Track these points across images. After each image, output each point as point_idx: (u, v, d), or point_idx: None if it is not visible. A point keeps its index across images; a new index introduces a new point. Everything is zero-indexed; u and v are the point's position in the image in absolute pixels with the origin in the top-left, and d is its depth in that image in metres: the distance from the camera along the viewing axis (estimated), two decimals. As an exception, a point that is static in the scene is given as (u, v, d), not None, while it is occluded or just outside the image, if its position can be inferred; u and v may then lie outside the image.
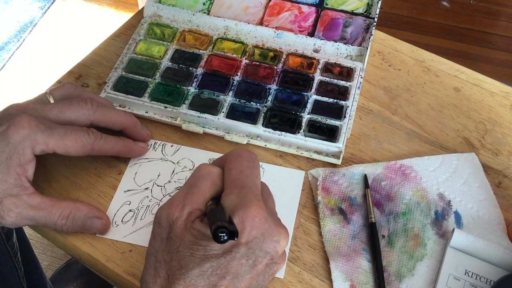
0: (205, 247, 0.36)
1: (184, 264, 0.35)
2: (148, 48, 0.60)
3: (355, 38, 0.61)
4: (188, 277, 0.35)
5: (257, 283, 0.38)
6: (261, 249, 0.37)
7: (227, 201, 0.38)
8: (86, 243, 0.47)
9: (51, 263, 1.23)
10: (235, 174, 0.39)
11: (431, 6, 1.89)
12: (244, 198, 0.37)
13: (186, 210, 0.37)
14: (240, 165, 0.40)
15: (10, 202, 0.43)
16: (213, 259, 0.35)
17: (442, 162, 0.53)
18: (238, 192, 0.38)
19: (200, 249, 0.36)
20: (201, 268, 0.35)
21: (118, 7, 1.90)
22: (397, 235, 0.48)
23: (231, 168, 0.40)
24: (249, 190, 0.38)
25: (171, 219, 0.37)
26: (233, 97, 0.56)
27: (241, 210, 0.36)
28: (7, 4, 1.86)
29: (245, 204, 0.36)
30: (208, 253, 0.35)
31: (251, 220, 0.36)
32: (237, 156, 0.40)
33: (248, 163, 0.40)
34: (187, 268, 0.35)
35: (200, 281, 0.35)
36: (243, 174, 0.39)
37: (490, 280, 0.45)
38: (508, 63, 1.75)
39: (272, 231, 0.37)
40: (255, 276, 0.37)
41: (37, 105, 0.47)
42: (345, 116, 0.54)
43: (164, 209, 0.38)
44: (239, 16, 0.64)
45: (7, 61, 1.70)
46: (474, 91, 0.60)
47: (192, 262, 0.35)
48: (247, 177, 0.39)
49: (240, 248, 0.36)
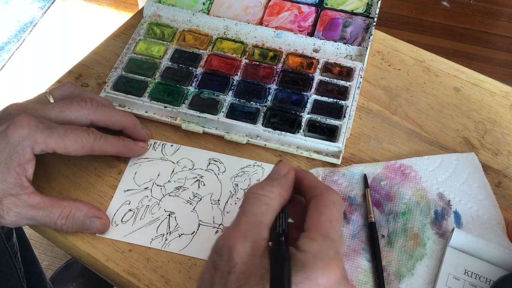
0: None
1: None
2: (148, 48, 0.60)
3: (355, 38, 0.61)
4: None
5: None
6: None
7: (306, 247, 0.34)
8: (86, 243, 0.47)
9: (51, 263, 1.23)
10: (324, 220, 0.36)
11: (431, 6, 1.89)
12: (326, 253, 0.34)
13: (249, 242, 0.34)
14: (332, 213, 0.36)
15: (10, 201, 0.43)
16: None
17: (441, 162, 0.53)
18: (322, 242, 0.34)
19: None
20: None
21: (118, 7, 1.90)
22: (396, 235, 0.48)
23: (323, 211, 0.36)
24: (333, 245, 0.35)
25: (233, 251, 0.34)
26: (233, 97, 0.56)
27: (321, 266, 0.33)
28: (7, 4, 1.86)
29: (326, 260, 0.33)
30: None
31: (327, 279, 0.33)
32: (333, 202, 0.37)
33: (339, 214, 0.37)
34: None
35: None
36: (332, 224, 0.36)
37: (490, 279, 0.45)
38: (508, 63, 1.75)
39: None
40: None
41: (37, 105, 0.47)
42: (344, 116, 0.54)
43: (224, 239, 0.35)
44: (239, 16, 0.64)
45: (7, 61, 1.70)
46: (474, 91, 0.60)
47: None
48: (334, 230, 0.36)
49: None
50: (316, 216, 0.36)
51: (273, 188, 0.37)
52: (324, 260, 0.33)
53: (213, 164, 0.53)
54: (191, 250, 0.47)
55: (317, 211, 0.36)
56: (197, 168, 0.52)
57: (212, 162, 0.53)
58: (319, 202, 0.37)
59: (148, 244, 0.48)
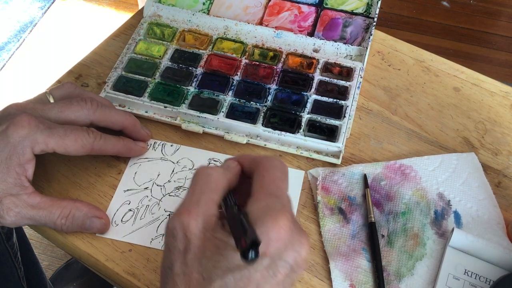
0: (227, 257, 0.34)
1: (207, 276, 0.34)
2: (148, 48, 0.60)
3: (355, 38, 0.61)
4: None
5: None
6: (282, 259, 0.35)
7: (254, 207, 0.36)
8: (85, 243, 0.47)
9: (51, 263, 1.23)
10: (267, 181, 0.38)
11: (431, 6, 1.89)
12: (272, 208, 0.36)
13: (201, 218, 0.36)
14: (274, 174, 0.38)
15: (10, 201, 0.43)
16: (236, 270, 0.34)
17: (441, 162, 0.53)
18: (267, 200, 0.36)
19: (222, 260, 0.34)
20: (223, 279, 0.34)
21: (118, 7, 1.90)
22: (396, 235, 0.48)
23: (264, 175, 0.38)
24: (278, 199, 0.37)
25: (187, 229, 0.35)
26: (232, 97, 0.56)
27: (269, 219, 0.35)
28: (7, 4, 1.86)
29: (273, 213, 0.35)
30: (231, 264, 0.34)
31: (277, 231, 0.35)
32: (273, 166, 0.39)
33: (281, 174, 0.39)
34: (210, 280, 0.34)
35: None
36: (275, 184, 0.38)
37: (490, 279, 0.45)
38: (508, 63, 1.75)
39: (295, 242, 0.36)
40: (275, 286, 0.35)
41: (36, 105, 0.47)
42: (344, 116, 0.54)
43: (176, 219, 0.36)
44: (239, 16, 0.64)
45: (7, 61, 1.70)
46: (474, 91, 0.60)
47: (215, 274, 0.34)
48: (278, 188, 0.38)
49: (264, 260, 0.34)
50: (259, 180, 0.38)
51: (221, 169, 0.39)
52: (271, 214, 0.35)
53: (213, 164, 0.53)
54: (191, 250, 0.47)
55: (259, 176, 0.39)
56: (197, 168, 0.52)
57: (212, 162, 0.53)
58: (260, 169, 0.39)
59: (148, 244, 0.48)
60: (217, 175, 0.39)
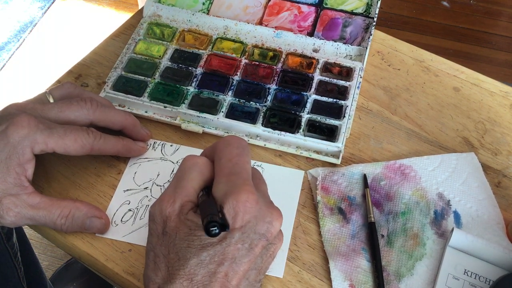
0: (200, 236, 0.36)
1: (182, 255, 0.36)
2: (148, 47, 0.60)
3: (355, 38, 0.61)
4: (187, 267, 0.36)
5: (256, 265, 0.38)
6: (255, 231, 0.37)
7: (217, 190, 0.38)
8: (85, 243, 0.47)
9: (51, 263, 1.23)
10: (224, 162, 0.40)
11: (431, 6, 1.89)
12: (233, 185, 0.38)
13: (178, 204, 0.38)
14: (230, 153, 0.40)
15: (10, 201, 0.43)
16: (210, 247, 0.36)
17: (441, 162, 0.53)
18: (227, 179, 0.38)
19: (195, 240, 0.36)
20: (199, 257, 0.36)
21: (118, 7, 1.90)
22: (396, 235, 0.48)
23: (221, 156, 0.40)
24: (238, 176, 0.38)
25: (164, 214, 0.38)
26: (232, 97, 0.56)
27: (231, 196, 0.37)
28: (7, 4, 1.86)
29: (234, 190, 0.37)
30: (204, 242, 0.36)
31: (242, 205, 0.37)
32: (227, 145, 0.41)
33: (237, 150, 0.40)
34: (185, 259, 0.36)
35: (199, 270, 0.36)
36: (232, 162, 0.39)
37: (489, 279, 0.45)
38: (508, 63, 1.75)
39: (264, 213, 0.38)
40: (253, 259, 0.38)
41: (36, 105, 0.47)
42: (344, 116, 0.54)
43: (156, 205, 0.39)
44: (239, 16, 0.64)
45: (7, 61, 1.70)
46: (473, 91, 0.60)
47: (189, 252, 0.36)
48: (236, 164, 0.39)
49: (235, 234, 0.37)
50: (217, 163, 0.40)
51: (206, 159, 0.41)
52: (233, 191, 0.37)
53: (213, 164, 0.53)
54: (190, 250, 0.47)
55: (217, 158, 0.40)
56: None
57: (212, 162, 0.53)
58: (217, 152, 0.41)
59: (147, 244, 0.48)
60: (202, 165, 0.40)
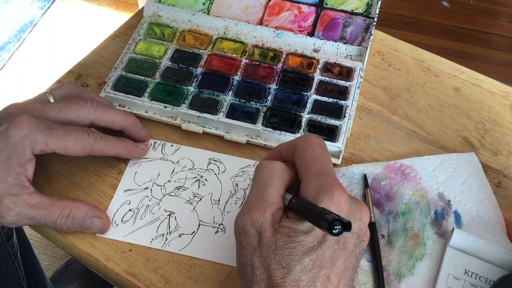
0: (300, 242, 0.36)
1: (285, 264, 0.35)
2: (148, 48, 0.60)
3: (355, 38, 0.61)
4: (292, 275, 0.35)
5: (350, 264, 0.38)
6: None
7: (308, 190, 0.37)
8: (86, 243, 0.47)
9: (51, 263, 1.23)
10: (310, 162, 0.39)
11: (431, 6, 1.89)
12: (324, 185, 0.37)
13: (268, 213, 0.37)
14: (314, 152, 0.39)
15: (10, 201, 0.43)
16: (311, 252, 0.35)
17: (441, 162, 0.53)
18: (317, 179, 0.37)
19: (296, 246, 0.36)
20: (302, 263, 0.35)
21: (118, 7, 1.90)
22: (396, 235, 0.48)
23: (306, 156, 0.39)
24: (327, 175, 0.38)
25: (258, 225, 0.37)
26: (233, 97, 0.56)
27: (325, 197, 0.36)
28: (7, 4, 1.86)
29: (328, 190, 0.36)
30: (305, 248, 0.35)
31: (337, 205, 0.36)
32: (309, 144, 0.40)
33: (320, 149, 0.39)
34: (289, 266, 0.35)
35: (304, 276, 0.35)
36: (318, 161, 0.38)
37: (490, 279, 0.45)
38: (508, 63, 1.75)
39: (354, 211, 0.37)
40: (348, 258, 0.37)
41: (37, 105, 0.47)
42: (344, 116, 0.54)
43: (245, 216, 0.37)
44: (239, 16, 0.64)
45: (7, 61, 1.70)
46: (474, 91, 0.60)
47: (292, 260, 0.35)
48: (323, 163, 0.38)
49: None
50: (302, 163, 0.39)
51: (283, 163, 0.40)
52: (326, 191, 0.36)
53: (213, 164, 0.53)
54: (191, 250, 0.47)
55: (301, 159, 0.39)
56: (197, 168, 0.52)
57: (212, 162, 0.53)
58: (299, 151, 0.40)
59: (148, 244, 0.48)
60: (280, 169, 0.39)
